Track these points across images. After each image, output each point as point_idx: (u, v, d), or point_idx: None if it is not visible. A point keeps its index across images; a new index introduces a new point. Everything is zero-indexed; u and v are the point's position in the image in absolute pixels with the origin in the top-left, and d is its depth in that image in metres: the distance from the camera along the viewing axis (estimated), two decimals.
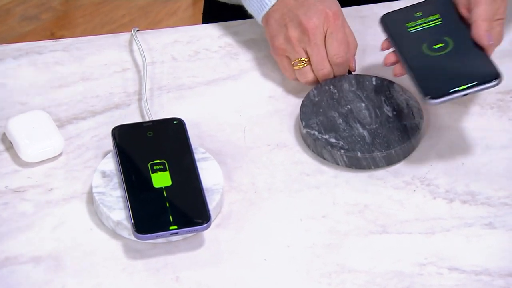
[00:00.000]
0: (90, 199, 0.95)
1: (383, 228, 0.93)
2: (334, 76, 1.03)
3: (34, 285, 0.88)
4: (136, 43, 1.07)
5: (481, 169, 0.98)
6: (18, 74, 1.05)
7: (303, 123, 1.00)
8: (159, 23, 2.23)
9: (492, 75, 0.94)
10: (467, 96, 1.01)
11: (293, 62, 1.03)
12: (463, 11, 1.00)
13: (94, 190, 0.94)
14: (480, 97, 1.04)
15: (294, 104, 1.04)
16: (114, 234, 0.93)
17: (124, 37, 1.10)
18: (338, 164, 0.97)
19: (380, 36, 1.09)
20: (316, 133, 0.99)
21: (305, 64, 1.02)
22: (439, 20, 1.00)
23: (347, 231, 0.93)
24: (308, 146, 1.00)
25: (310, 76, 1.03)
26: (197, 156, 0.97)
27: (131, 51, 1.09)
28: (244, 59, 1.08)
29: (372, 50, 1.08)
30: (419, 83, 0.94)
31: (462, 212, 0.94)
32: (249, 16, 1.09)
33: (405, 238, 0.92)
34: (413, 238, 0.92)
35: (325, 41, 1.02)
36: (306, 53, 1.02)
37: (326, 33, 1.02)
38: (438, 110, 1.03)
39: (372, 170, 0.98)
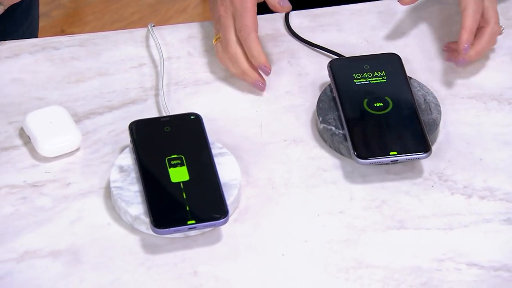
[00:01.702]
0: (108, 194, 0.95)
1: (401, 224, 0.93)
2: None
3: (53, 279, 0.88)
4: (153, 38, 1.07)
5: (499, 164, 0.97)
6: (35, 69, 1.04)
7: (320, 118, 1.00)
8: (168, 21, 2.23)
9: (422, 147, 0.94)
10: (484, 92, 1.01)
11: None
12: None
13: (112, 184, 0.94)
14: (498, 93, 1.03)
15: (310, 99, 1.03)
16: (132, 229, 0.92)
17: (140, 32, 1.09)
18: (354, 160, 0.97)
19: (395, 31, 1.09)
20: (333, 128, 0.99)
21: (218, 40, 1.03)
22: (384, 77, 0.99)
23: (364, 227, 0.93)
24: (325, 141, 1.00)
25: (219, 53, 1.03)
26: (214, 151, 0.96)
27: (147, 46, 1.08)
28: None
29: (387, 46, 1.07)
30: (352, 140, 0.95)
31: (480, 207, 0.94)
32: (261, 12, 1.09)
33: (423, 233, 0.92)
34: (431, 234, 0.92)
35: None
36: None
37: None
38: (456, 105, 1.02)
39: (389, 166, 0.97)
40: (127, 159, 0.96)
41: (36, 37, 1.26)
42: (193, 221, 0.90)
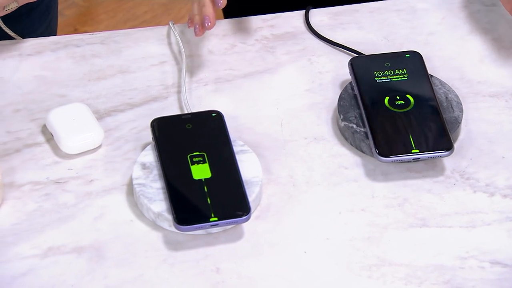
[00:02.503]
0: (130, 190, 0.95)
1: (423, 222, 0.92)
2: None
3: (77, 275, 0.88)
4: (175, 35, 1.07)
5: None
6: (56, 66, 1.04)
7: (341, 116, 0.99)
8: (181, 20, 2.23)
9: (444, 145, 0.94)
10: (506, 90, 1.00)
11: None
12: None
13: (134, 181, 0.94)
14: None
15: (330, 97, 1.03)
16: (155, 226, 0.92)
17: (161, 30, 1.09)
18: (375, 157, 0.96)
19: (415, 28, 1.09)
20: (355, 126, 0.98)
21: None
22: (405, 75, 0.99)
23: (386, 224, 0.92)
24: (346, 139, 0.99)
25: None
26: (235, 148, 0.96)
27: (168, 44, 1.08)
28: (280, 52, 1.07)
29: (408, 44, 1.07)
30: (373, 138, 0.94)
31: (503, 206, 0.93)
32: (281, 10, 1.09)
33: (446, 231, 0.91)
34: (454, 232, 0.91)
35: None
36: None
37: None
38: (478, 103, 1.02)
39: (411, 163, 0.97)
40: (149, 156, 0.96)
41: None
42: (216, 218, 0.90)
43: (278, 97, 1.04)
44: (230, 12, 1.29)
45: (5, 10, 1.00)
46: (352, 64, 1.02)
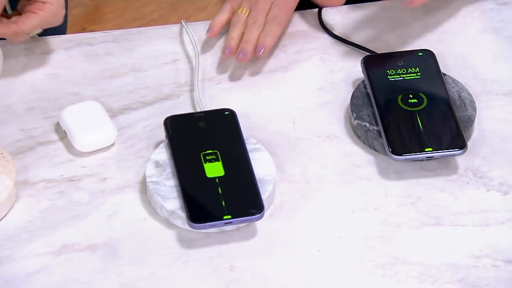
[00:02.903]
0: (143, 188, 0.95)
1: (437, 220, 0.92)
2: None
3: (91, 273, 0.88)
4: (188, 34, 1.07)
5: None
6: (70, 65, 1.04)
7: (354, 114, 0.99)
8: (188, 19, 2.21)
9: (458, 144, 0.93)
10: None
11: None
12: None
13: (147, 179, 0.93)
14: None
15: (343, 96, 1.03)
16: (168, 223, 0.92)
17: (173, 28, 1.09)
18: (388, 156, 0.96)
19: (428, 27, 1.08)
20: (368, 124, 0.98)
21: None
22: (418, 74, 0.99)
23: (399, 223, 0.92)
24: (359, 137, 0.99)
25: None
26: (248, 146, 0.96)
27: (181, 42, 1.08)
28: (292, 51, 1.07)
29: (420, 42, 1.06)
30: (386, 136, 0.94)
31: None
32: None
33: (459, 230, 0.91)
34: (467, 230, 0.91)
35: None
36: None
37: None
38: (491, 102, 1.02)
39: (424, 162, 0.97)
40: (163, 154, 0.96)
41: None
42: (229, 216, 0.90)
43: (290, 95, 1.03)
44: None
45: (29, 36, 1.00)
46: (365, 62, 1.02)
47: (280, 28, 1.04)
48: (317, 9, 1.10)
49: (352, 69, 1.05)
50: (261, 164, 0.95)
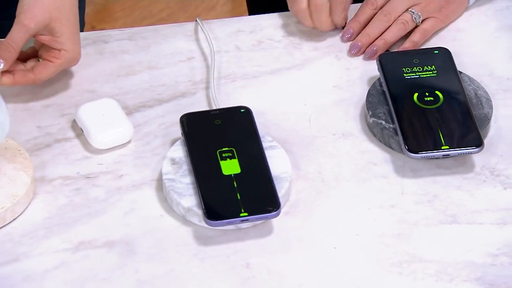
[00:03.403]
0: (160, 186, 0.95)
1: (453, 218, 0.92)
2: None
3: (108, 269, 0.88)
4: (204, 31, 1.07)
5: None
6: (85, 62, 1.04)
7: (370, 112, 0.99)
8: (197, 18, 2.23)
9: (474, 142, 0.93)
10: None
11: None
12: None
13: (164, 176, 0.94)
14: None
15: (358, 93, 1.03)
16: (184, 221, 0.92)
17: (188, 26, 1.09)
18: (405, 154, 0.95)
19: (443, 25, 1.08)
20: (383, 122, 0.98)
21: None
22: (434, 72, 0.99)
23: (416, 221, 0.92)
24: (375, 135, 0.99)
25: (308, 22, 1.04)
26: (264, 144, 0.96)
27: (196, 40, 1.08)
28: (308, 49, 1.07)
29: (435, 40, 1.06)
30: (402, 134, 0.94)
31: None
32: None
33: (476, 228, 0.91)
34: (484, 229, 0.91)
35: None
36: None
37: None
38: (507, 100, 1.01)
39: (440, 160, 0.97)
40: (179, 151, 0.96)
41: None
42: (246, 214, 0.90)
43: (305, 93, 1.03)
44: (254, 8, 1.29)
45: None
46: (381, 60, 1.01)
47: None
48: None
49: (367, 67, 1.05)
50: (277, 162, 0.95)
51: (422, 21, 1.04)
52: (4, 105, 0.87)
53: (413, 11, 1.02)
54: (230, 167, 0.94)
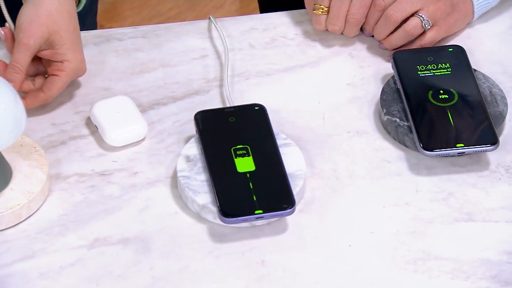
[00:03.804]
0: (174, 183, 0.94)
1: (469, 216, 0.92)
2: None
3: (124, 266, 0.88)
4: (217, 29, 1.06)
5: None
6: (100, 60, 1.04)
7: (384, 110, 0.99)
8: (205, 16, 2.22)
9: (490, 140, 0.93)
10: None
11: (314, 5, 1.05)
12: None
13: (179, 174, 0.93)
14: None
15: (372, 91, 1.03)
16: (199, 218, 0.92)
17: (202, 24, 1.09)
18: (419, 151, 0.95)
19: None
20: (398, 120, 0.98)
21: (322, 13, 1.04)
22: (449, 69, 0.98)
23: (431, 219, 0.92)
24: (389, 133, 0.99)
25: (322, 25, 1.06)
26: (278, 141, 0.96)
27: (209, 38, 1.08)
28: (321, 47, 1.07)
29: (449, 38, 1.06)
30: (417, 132, 0.94)
31: None
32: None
33: (492, 226, 0.91)
34: (500, 227, 0.91)
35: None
36: (329, 3, 1.04)
37: None
38: None
39: (455, 158, 0.96)
40: (193, 149, 0.96)
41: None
42: (260, 211, 0.90)
43: (319, 91, 1.03)
44: (266, 6, 1.29)
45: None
46: (395, 58, 1.01)
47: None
48: None
49: (381, 65, 1.05)
50: (292, 159, 0.95)
51: (426, 29, 1.03)
52: (20, 103, 0.88)
53: (423, 16, 1.02)
54: (245, 164, 0.94)
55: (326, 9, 1.04)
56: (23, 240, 0.89)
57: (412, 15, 1.02)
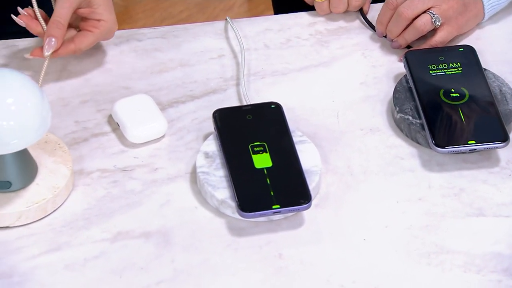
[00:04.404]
0: (193, 178, 0.95)
1: (480, 211, 0.92)
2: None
3: (146, 259, 0.88)
4: (234, 30, 1.07)
5: None
6: (120, 60, 1.05)
7: (397, 108, 0.99)
8: (215, 19, 2.23)
9: (500, 137, 0.93)
10: None
11: None
12: None
13: (198, 170, 0.94)
14: None
15: (384, 90, 1.03)
16: (218, 212, 0.92)
17: (219, 25, 1.09)
18: (432, 148, 0.95)
19: None
20: (410, 118, 0.98)
21: (324, 0, 1.07)
22: (459, 69, 0.99)
23: (443, 213, 0.92)
24: (402, 130, 0.99)
25: (326, 11, 1.08)
26: (294, 138, 0.96)
27: (226, 38, 1.08)
28: (335, 47, 1.07)
29: (459, 38, 1.06)
30: (430, 129, 0.94)
31: None
32: None
33: (503, 221, 0.91)
34: (510, 221, 0.91)
35: None
36: None
37: None
38: None
39: (466, 155, 0.97)
40: (212, 145, 0.96)
41: None
42: (278, 206, 0.90)
43: (333, 89, 1.03)
44: (280, 6, 1.29)
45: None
46: (407, 57, 1.02)
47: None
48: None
49: (393, 64, 1.05)
50: (307, 156, 0.95)
51: (437, 28, 1.04)
52: (47, 101, 0.88)
53: (433, 13, 1.02)
54: (262, 161, 0.94)
55: None
56: (48, 234, 0.90)
57: (424, 12, 1.03)
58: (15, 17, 0.99)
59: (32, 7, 0.99)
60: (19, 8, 1.00)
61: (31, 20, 0.99)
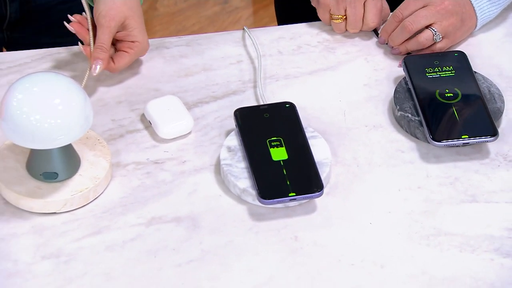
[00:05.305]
0: (217, 170, 0.95)
1: (473, 198, 0.93)
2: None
3: (177, 241, 0.89)
4: (251, 38, 1.07)
5: None
6: (151, 65, 1.05)
7: (398, 106, 1.00)
8: (224, 30, 2.23)
9: (490, 131, 0.94)
10: None
11: (332, 16, 1.06)
12: None
13: (222, 162, 0.94)
14: None
15: (385, 91, 1.03)
16: (240, 200, 0.93)
17: (237, 34, 1.10)
18: (429, 142, 0.96)
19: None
20: (410, 115, 0.99)
21: (341, 21, 1.07)
22: (452, 71, 0.99)
23: (440, 200, 0.93)
24: (402, 127, 1.00)
25: (343, 30, 1.08)
26: (307, 134, 0.97)
27: (244, 46, 1.09)
28: (340, 53, 1.08)
29: (455, 44, 1.07)
30: (427, 126, 0.95)
31: None
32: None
33: (493, 206, 0.92)
34: (500, 207, 0.91)
35: (364, 5, 1.06)
36: (345, 11, 1.06)
37: None
38: None
39: (460, 148, 0.97)
40: (233, 140, 0.97)
41: None
42: (294, 194, 0.91)
43: (340, 90, 1.04)
44: (283, 21, 1.29)
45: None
46: (406, 62, 1.02)
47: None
48: None
49: (393, 68, 1.06)
50: (319, 149, 0.96)
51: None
52: (89, 102, 0.89)
53: (435, 30, 1.02)
54: (279, 154, 0.94)
55: (344, 17, 1.06)
56: (90, 219, 0.90)
57: (426, 27, 1.03)
58: (67, 24, 1.00)
59: (80, 13, 1.01)
60: (69, 16, 1.01)
61: (82, 28, 1.00)
